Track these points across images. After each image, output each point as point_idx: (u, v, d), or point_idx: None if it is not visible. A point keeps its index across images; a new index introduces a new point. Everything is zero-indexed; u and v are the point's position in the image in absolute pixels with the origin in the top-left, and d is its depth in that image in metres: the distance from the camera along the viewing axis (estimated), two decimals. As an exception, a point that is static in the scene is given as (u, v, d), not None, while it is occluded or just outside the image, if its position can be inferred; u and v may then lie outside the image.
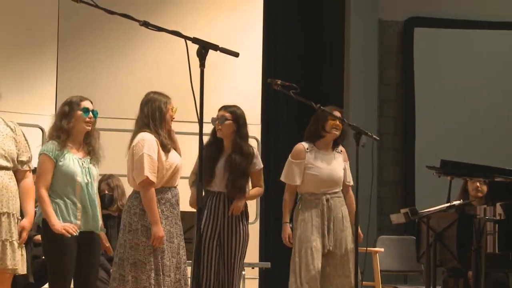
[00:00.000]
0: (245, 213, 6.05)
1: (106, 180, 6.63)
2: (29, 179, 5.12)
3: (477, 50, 10.36)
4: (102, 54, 8.22)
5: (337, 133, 6.18)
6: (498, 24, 10.42)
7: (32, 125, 7.16)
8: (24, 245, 5.06)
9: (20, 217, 5.05)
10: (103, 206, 6.53)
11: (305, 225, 6.10)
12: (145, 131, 5.40)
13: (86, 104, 5.39)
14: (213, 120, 6.04)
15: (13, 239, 4.96)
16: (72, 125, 5.34)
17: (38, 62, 8.03)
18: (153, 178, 5.31)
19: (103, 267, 6.55)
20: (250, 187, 6.12)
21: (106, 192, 6.60)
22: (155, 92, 5.54)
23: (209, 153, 5.95)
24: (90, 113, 5.36)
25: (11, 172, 5.03)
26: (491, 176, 6.25)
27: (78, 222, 5.27)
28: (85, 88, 7.28)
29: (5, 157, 4.99)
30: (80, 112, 5.34)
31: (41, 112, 7.75)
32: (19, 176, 5.08)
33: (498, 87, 10.28)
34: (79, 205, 5.26)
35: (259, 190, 6.14)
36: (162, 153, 5.38)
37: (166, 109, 5.46)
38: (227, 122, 6.01)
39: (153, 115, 5.42)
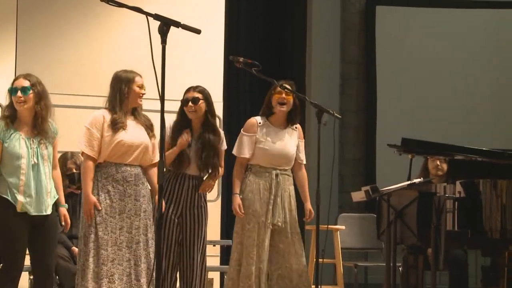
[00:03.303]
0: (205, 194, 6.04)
1: (72, 158, 6.58)
2: None
3: (438, 28, 10.40)
4: (62, 30, 8.08)
5: (283, 108, 6.13)
6: (460, 3, 10.46)
7: (-10, 101, 7.05)
8: None
9: None
10: (73, 184, 6.47)
11: (253, 197, 6.08)
12: (102, 109, 5.52)
13: (15, 83, 5.27)
14: (185, 102, 5.92)
15: None
16: (16, 107, 5.26)
17: (-4, 38, 7.89)
18: (88, 151, 5.42)
19: (64, 244, 6.50)
20: None
21: (74, 170, 6.55)
22: (122, 71, 5.58)
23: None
24: (19, 91, 5.23)
25: None
26: (451, 155, 6.29)
27: (24, 199, 5.16)
28: (45, 64, 7.18)
29: None
30: (12, 95, 5.26)
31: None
32: None
33: (460, 65, 10.33)
34: (21, 187, 5.15)
35: (221, 170, 6.11)
36: (107, 128, 5.42)
37: (129, 89, 5.47)
38: (201, 102, 5.95)
39: (113, 96, 5.51)
